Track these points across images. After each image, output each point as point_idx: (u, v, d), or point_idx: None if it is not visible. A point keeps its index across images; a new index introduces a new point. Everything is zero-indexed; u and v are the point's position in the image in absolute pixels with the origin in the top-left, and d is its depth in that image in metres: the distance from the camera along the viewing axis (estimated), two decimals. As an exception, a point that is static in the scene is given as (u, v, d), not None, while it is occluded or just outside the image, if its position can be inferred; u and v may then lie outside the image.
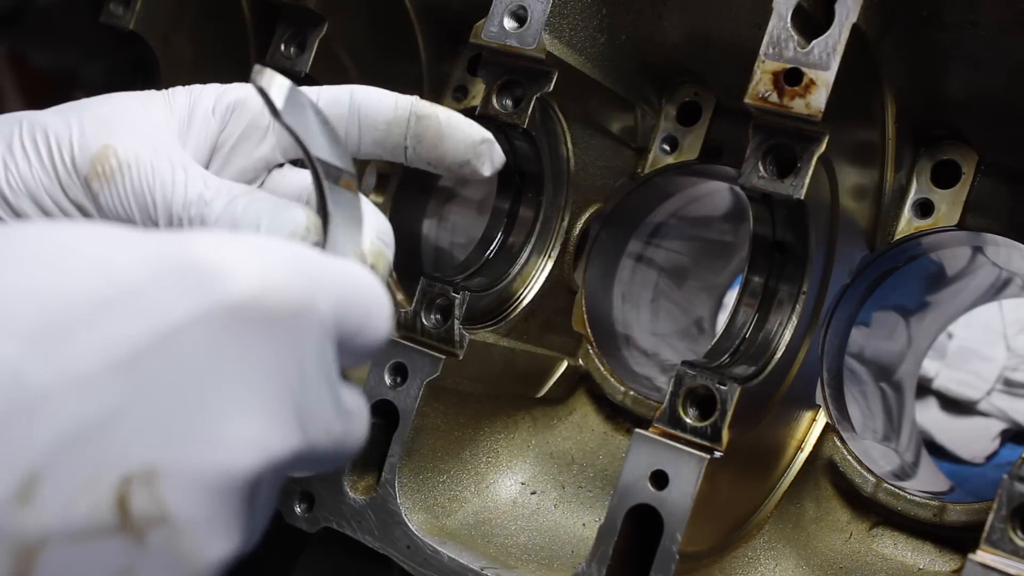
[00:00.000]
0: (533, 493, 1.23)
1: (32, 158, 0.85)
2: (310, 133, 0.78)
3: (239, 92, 0.94)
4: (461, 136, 0.92)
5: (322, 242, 0.78)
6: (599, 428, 1.32)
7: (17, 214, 0.84)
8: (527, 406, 1.28)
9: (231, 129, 0.92)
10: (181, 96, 0.93)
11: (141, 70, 1.52)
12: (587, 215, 1.27)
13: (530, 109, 1.12)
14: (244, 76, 1.58)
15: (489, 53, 1.13)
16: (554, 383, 1.29)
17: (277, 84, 0.77)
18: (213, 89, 0.94)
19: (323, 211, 0.79)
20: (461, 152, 0.92)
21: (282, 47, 1.38)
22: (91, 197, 0.84)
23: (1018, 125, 1.09)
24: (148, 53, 1.47)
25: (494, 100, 1.14)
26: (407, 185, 1.59)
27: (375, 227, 0.83)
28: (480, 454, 1.22)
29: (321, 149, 0.79)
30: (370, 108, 0.92)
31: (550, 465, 1.27)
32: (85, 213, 0.84)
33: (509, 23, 1.10)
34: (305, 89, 0.85)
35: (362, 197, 0.83)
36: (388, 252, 0.84)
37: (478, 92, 1.49)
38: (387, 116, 0.91)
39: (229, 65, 1.58)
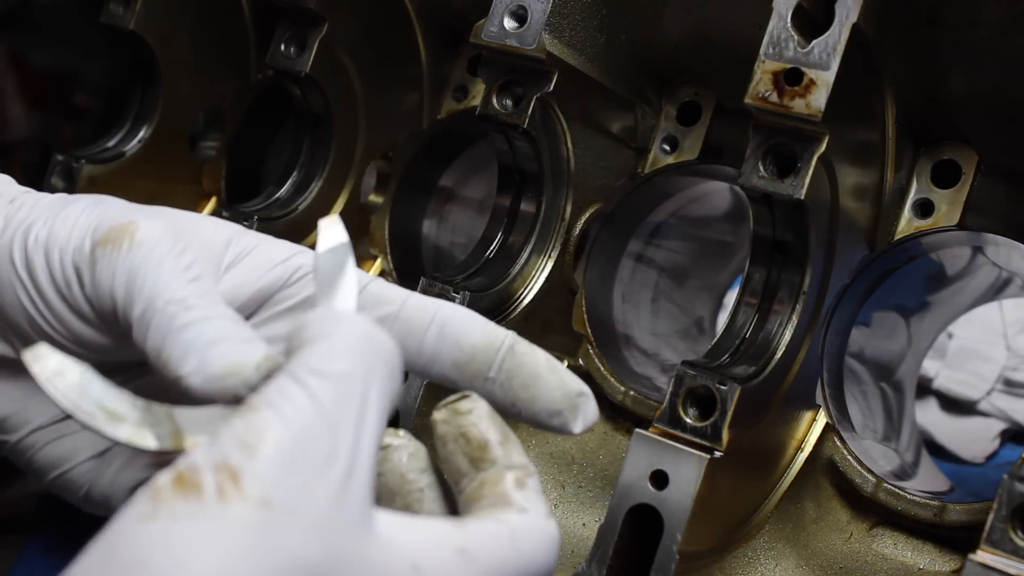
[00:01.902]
0: (533, 493, 1.23)
1: (69, 218, 0.81)
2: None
3: (309, 260, 0.86)
4: (559, 383, 0.81)
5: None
6: (599, 428, 1.32)
7: (27, 263, 0.80)
8: (527, 406, 1.28)
9: (297, 288, 0.85)
10: (247, 234, 0.86)
11: (141, 70, 1.52)
12: (587, 215, 1.27)
13: (530, 109, 1.12)
14: (244, 76, 1.59)
15: (489, 53, 1.13)
16: (554, 383, 1.29)
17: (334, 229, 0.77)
18: (288, 246, 0.87)
19: None
20: (556, 400, 0.81)
21: (282, 47, 1.38)
22: (91, 261, 0.78)
23: (1018, 125, 1.09)
24: (148, 53, 1.47)
25: (494, 100, 1.14)
26: (407, 185, 1.59)
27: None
28: (480, 454, 1.22)
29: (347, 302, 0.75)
30: (457, 325, 0.82)
31: (550, 465, 1.27)
32: (80, 276, 0.79)
33: (509, 23, 1.10)
34: (392, 290, 0.82)
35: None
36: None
37: (478, 92, 1.49)
38: (475, 339, 0.81)
39: (229, 65, 1.58)
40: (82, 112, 1.88)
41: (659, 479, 0.93)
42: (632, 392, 1.30)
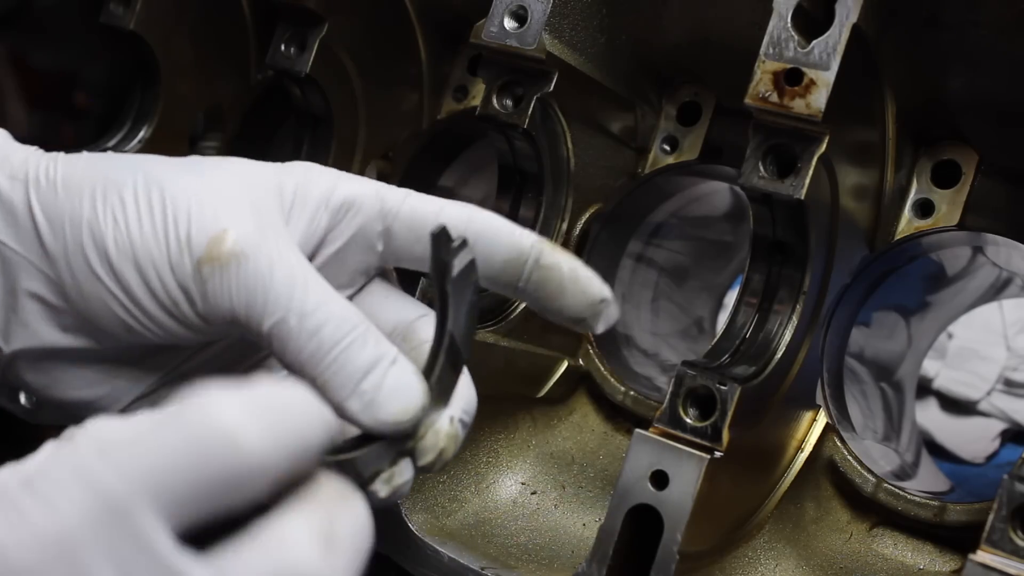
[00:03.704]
0: (533, 493, 1.23)
1: (145, 222, 0.79)
2: (459, 311, 0.76)
3: (352, 188, 0.87)
4: (583, 293, 0.85)
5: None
6: (599, 428, 1.33)
7: (116, 276, 0.79)
8: (527, 406, 1.28)
9: (342, 229, 0.86)
10: (298, 173, 0.86)
11: (141, 70, 1.52)
12: (587, 215, 1.27)
13: (530, 109, 1.12)
14: (244, 76, 1.59)
15: (489, 53, 1.13)
16: (554, 383, 1.29)
17: (463, 255, 0.76)
18: (329, 177, 0.87)
19: (426, 378, 0.77)
20: (581, 309, 0.86)
21: (282, 47, 1.38)
22: (199, 280, 0.77)
23: (1018, 125, 1.09)
24: (148, 53, 1.47)
25: (494, 100, 1.14)
26: (407, 185, 1.58)
27: (462, 406, 0.80)
28: (480, 454, 1.22)
29: (458, 330, 0.77)
30: (489, 241, 0.85)
31: (550, 465, 1.27)
32: (188, 295, 0.78)
33: (509, 23, 1.10)
34: (426, 201, 0.86)
35: (464, 373, 0.81)
36: (462, 433, 0.80)
37: (478, 92, 1.49)
38: (506, 254, 0.85)
39: (229, 65, 1.58)
40: (82, 112, 1.88)
41: (659, 479, 0.93)
42: (632, 392, 1.30)
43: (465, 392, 0.81)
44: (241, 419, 0.56)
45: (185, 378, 0.89)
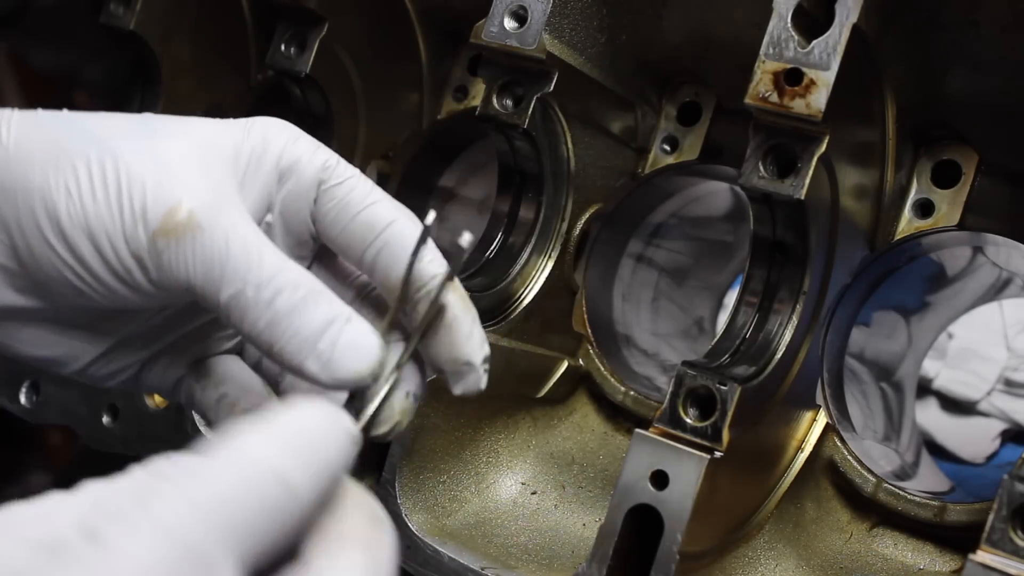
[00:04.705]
0: (533, 493, 1.23)
1: (99, 194, 0.78)
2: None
3: (299, 150, 0.86)
4: (451, 346, 0.83)
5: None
6: (599, 428, 1.33)
7: (69, 245, 0.79)
8: (527, 406, 1.28)
9: (284, 192, 0.86)
10: (255, 134, 0.86)
11: (141, 70, 1.52)
12: (587, 215, 1.27)
13: (530, 109, 1.12)
14: (244, 76, 1.59)
15: (489, 53, 1.13)
16: (554, 383, 1.29)
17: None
18: (284, 138, 0.86)
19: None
20: (443, 361, 0.83)
21: (282, 47, 1.38)
22: (155, 252, 0.78)
23: (1018, 125, 1.09)
24: (148, 53, 1.47)
25: (494, 100, 1.14)
26: (407, 185, 1.59)
27: (417, 382, 0.82)
28: (480, 454, 1.22)
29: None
30: (391, 254, 0.84)
31: (550, 465, 1.27)
32: (142, 264, 0.78)
33: (509, 23, 1.10)
34: (365, 189, 0.85)
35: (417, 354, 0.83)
36: (414, 406, 0.82)
37: (478, 92, 1.49)
38: (402, 273, 0.83)
39: (229, 65, 1.58)
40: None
41: (659, 479, 0.93)
42: (632, 392, 1.30)
43: (420, 370, 0.83)
44: (284, 460, 0.58)
45: (147, 345, 0.90)
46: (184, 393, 0.92)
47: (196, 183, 0.80)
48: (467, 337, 0.83)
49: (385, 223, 0.85)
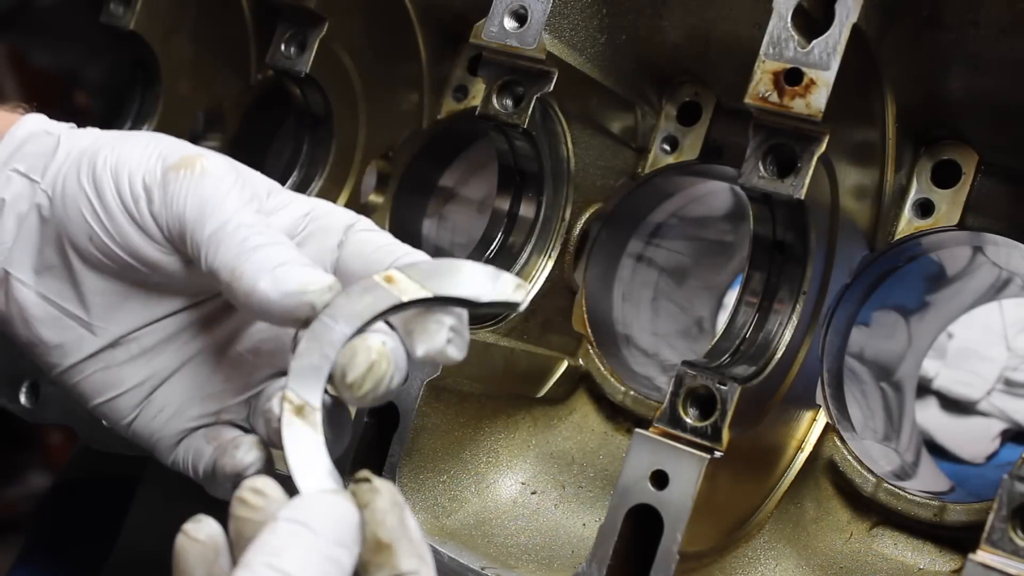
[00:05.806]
0: (533, 493, 1.23)
1: (139, 147, 0.91)
2: None
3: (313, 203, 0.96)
4: (420, 343, 0.85)
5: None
6: (599, 428, 1.33)
7: (95, 183, 0.88)
8: (527, 406, 1.28)
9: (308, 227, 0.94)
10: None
11: (141, 70, 1.52)
12: (587, 215, 1.27)
13: (530, 109, 1.12)
14: (244, 76, 1.59)
15: (489, 53, 1.13)
16: (554, 383, 1.29)
17: None
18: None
19: None
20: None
21: (282, 47, 1.38)
22: (163, 184, 0.87)
23: (1018, 125, 1.09)
24: (148, 53, 1.47)
25: (494, 100, 1.14)
26: (407, 185, 1.59)
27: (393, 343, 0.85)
28: (480, 454, 1.22)
29: None
30: (362, 262, 0.92)
31: (550, 465, 1.27)
32: (149, 195, 0.87)
33: (509, 23, 1.10)
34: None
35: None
36: (397, 363, 0.83)
37: (478, 92, 1.49)
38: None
39: (229, 65, 1.58)
40: (82, 112, 1.89)
41: (659, 479, 0.93)
42: (632, 392, 1.30)
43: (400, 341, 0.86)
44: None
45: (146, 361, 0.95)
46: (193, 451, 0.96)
47: (219, 155, 0.91)
48: (429, 338, 0.85)
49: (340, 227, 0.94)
